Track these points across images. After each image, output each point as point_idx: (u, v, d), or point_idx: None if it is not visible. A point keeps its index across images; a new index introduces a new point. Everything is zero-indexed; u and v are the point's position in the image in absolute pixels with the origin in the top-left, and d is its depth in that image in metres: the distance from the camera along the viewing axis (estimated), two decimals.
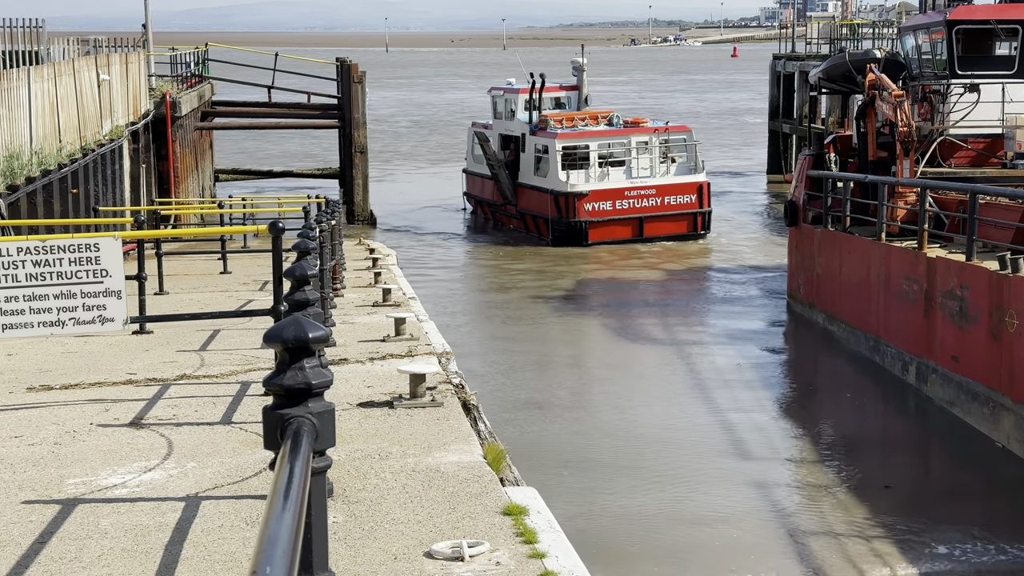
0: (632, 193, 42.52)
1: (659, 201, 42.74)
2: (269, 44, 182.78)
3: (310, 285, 10.48)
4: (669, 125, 45.81)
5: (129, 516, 8.77)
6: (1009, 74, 27.67)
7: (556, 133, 43.55)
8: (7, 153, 22.62)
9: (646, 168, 43.18)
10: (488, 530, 8.37)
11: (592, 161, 42.90)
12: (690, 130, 45.43)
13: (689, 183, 43.21)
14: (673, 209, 42.88)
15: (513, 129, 47.34)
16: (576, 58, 48.96)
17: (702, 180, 43.42)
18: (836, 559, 15.72)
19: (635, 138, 43.66)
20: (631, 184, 42.66)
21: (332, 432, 5.43)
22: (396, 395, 12.19)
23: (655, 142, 43.59)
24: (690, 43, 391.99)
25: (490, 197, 48.29)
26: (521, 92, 47.15)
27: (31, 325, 11.75)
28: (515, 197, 45.72)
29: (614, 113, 46.09)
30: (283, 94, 48.36)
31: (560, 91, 48.81)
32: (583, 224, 42.01)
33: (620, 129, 44.34)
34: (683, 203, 42.99)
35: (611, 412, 22.70)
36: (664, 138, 43.98)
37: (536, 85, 45.53)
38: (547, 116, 45.05)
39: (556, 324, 31.23)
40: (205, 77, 50.85)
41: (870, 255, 25.84)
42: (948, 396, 22.07)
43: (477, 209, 50.89)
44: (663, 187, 42.80)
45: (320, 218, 19.30)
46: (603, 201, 42.33)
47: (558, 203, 42.48)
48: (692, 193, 43.13)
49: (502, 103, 49.21)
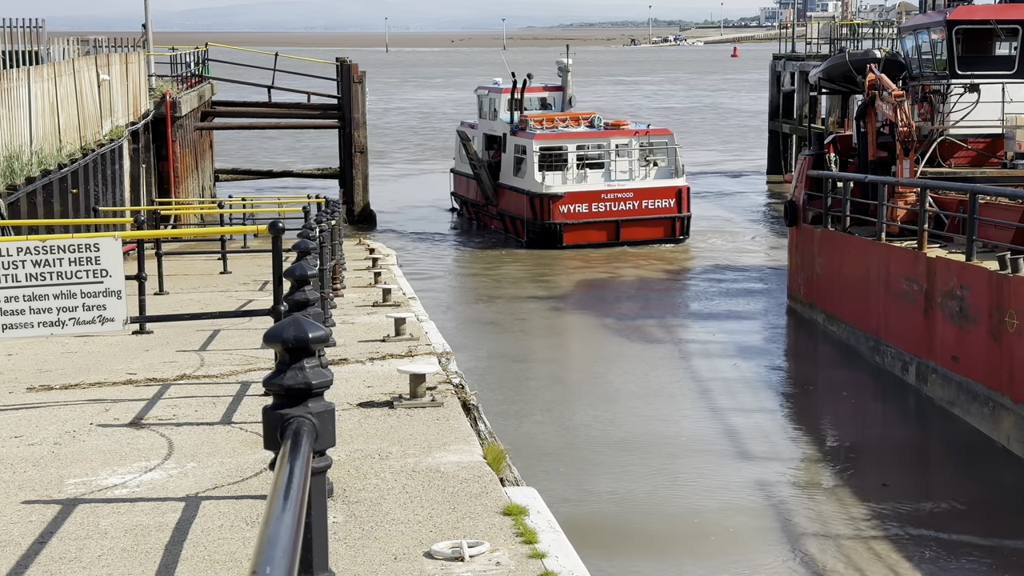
0: (609, 196, 41.73)
1: (637, 205, 41.89)
2: (269, 44, 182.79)
3: (310, 285, 10.48)
4: (650, 128, 44.95)
5: (129, 516, 8.77)
6: (1009, 74, 27.67)
7: (534, 134, 42.98)
8: (7, 153, 22.62)
9: (625, 171, 42.41)
10: (488, 530, 8.37)
11: (570, 163, 42.24)
12: (671, 133, 44.43)
13: (668, 187, 42.23)
14: (651, 213, 42.00)
15: (496, 129, 46.94)
16: (561, 58, 48.43)
17: (682, 184, 42.41)
18: (835, 558, 15.72)
19: (615, 140, 42.96)
20: (608, 187, 41.90)
21: (332, 432, 5.43)
22: (396, 395, 12.19)
23: (635, 145, 42.86)
24: (691, 43, 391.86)
25: (474, 197, 47.93)
26: (504, 92, 46.62)
27: (31, 325, 11.75)
28: (496, 198, 45.31)
29: (596, 115, 45.50)
30: (283, 94, 48.35)
31: (544, 91, 48.36)
32: (558, 226, 41.38)
33: (599, 131, 43.65)
34: (661, 207, 42.07)
35: (611, 411, 22.69)
36: (644, 141, 43.20)
37: (518, 85, 45.03)
38: (528, 117, 44.50)
39: (556, 324, 31.23)
40: (205, 77, 50.85)
41: (870, 255, 25.84)
42: (948, 396, 22.07)
43: (463, 209, 50.63)
44: (641, 190, 41.95)
45: (320, 218, 19.30)
46: (579, 203, 41.61)
47: (533, 205, 41.96)
48: (671, 197, 42.13)
49: (487, 103, 48.92)
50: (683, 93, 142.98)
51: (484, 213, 47.11)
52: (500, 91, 47.29)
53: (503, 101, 46.52)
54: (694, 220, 43.61)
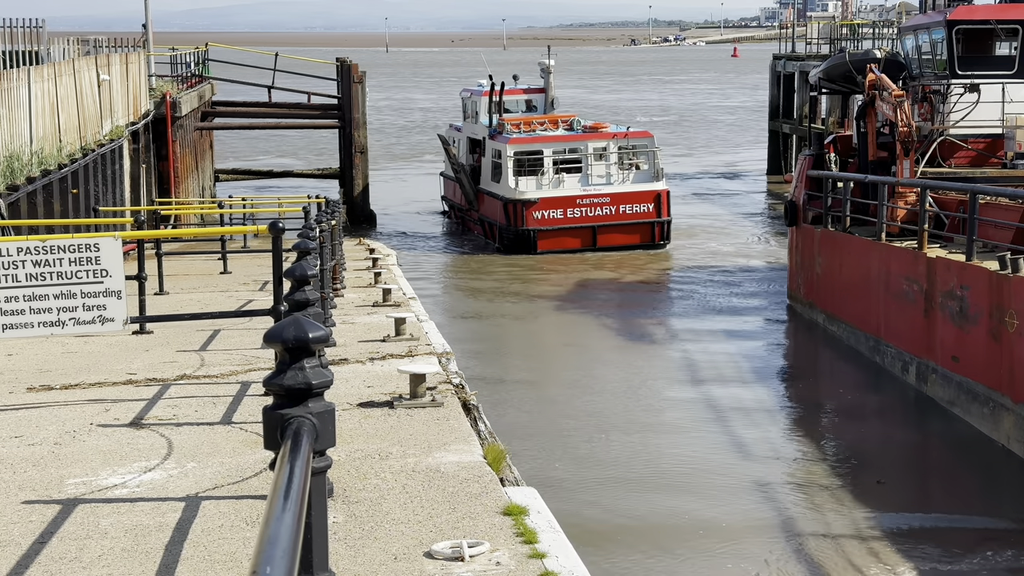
0: (584, 201, 40.34)
1: (613, 210, 40.43)
2: (269, 44, 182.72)
3: (310, 285, 10.49)
4: (630, 130, 43.37)
5: (129, 516, 8.77)
6: (1009, 74, 27.66)
7: (509, 138, 41.61)
8: (7, 153, 22.62)
9: (602, 176, 40.97)
10: (488, 530, 8.37)
11: (546, 167, 40.88)
12: (652, 136, 43.00)
13: (646, 191, 40.70)
14: (628, 218, 40.51)
15: (478, 133, 45.77)
16: (543, 59, 47.20)
17: (661, 188, 40.81)
18: (834, 558, 15.72)
19: (592, 143, 41.49)
20: (584, 192, 40.51)
21: (332, 432, 5.43)
22: (396, 395, 12.20)
23: (613, 148, 41.38)
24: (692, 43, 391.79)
25: (460, 201, 46.82)
26: (483, 95, 45.49)
27: (31, 325, 11.75)
28: (477, 202, 44.08)
29: (576, 117, 44.14)
30: (283, 94, 48.35)
31: (524, 94, 47.37)
32: (532, 233, 40.11)
33: (576, 134, 42.29)
34: (639, 212, 40.58)
35: (610, 410, 22.69)
36: (624, 144, 41.70)
37: (496, 88, 44.13)
38: (505, 120, 43.25)
39: (556, 324, 31.22)
40: (205, 77, 50.86)
41: (870, 255, 25.84)
42: (948, 396, 22.07)
43: (450, 213, 49.79)
44: (618, 195, 40.50)
45: (320, 218, 19.31)
46: (553, 209, 40.29)
47: (507, 210, 40.76)
48: (649, 202, 40.62)
49: (470, 106, 47.90)
50: (683, 93, 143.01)
51: (468, 218, 46.09)
52: (481, 94, 46.16)
53: (483, 104, 45.43)
54: (694, 219, 43.45)
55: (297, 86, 48.45)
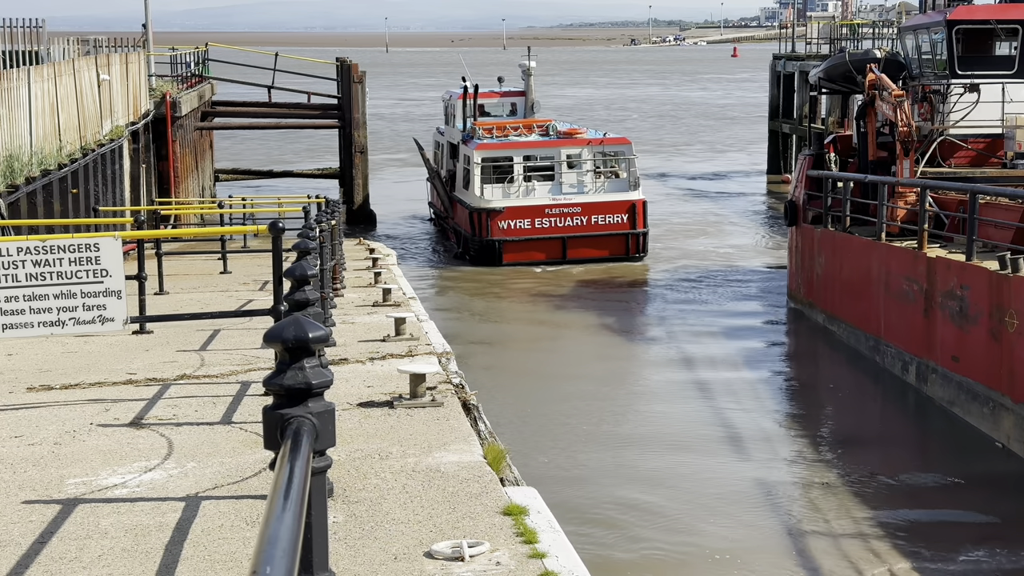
0: (553, 211, 38.00)
1: (585, 220, 38.03)
2: (269, 44, 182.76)
3: (310, 285, 10.49)
4: (606, 136, 40.97)
5: (129, 516, 8.77)
6: (1009, 74, 27.67)
7: (477, 143, 39.48)
8: (7, 153, 22.62)
9: (574, 184, 38.61)
10: (488, 530, 8.37)
11: (516, 174, 38.64)
12: (629, 142, 40.31)
13: (620, 201, 38.26)
14: (600, 229, 38.12)
15: (455, 137, 43.69)
16: (523, 61, 45.71)
17: (636, 198, 38.32)
18: (834, 557, 15.72)
19: (565, 150, 39.11)
20: (553, 201, 38.16)
21: (332, 432, 5.43)
22: (396, 395, 12.20)
23: (587, 155, 39.17)
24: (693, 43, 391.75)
25: (440, 207, 44.91)
26: (458, 98, 43.70)
27: (31, 325, 11.75)
28: (452, 209, 41.99)
29: (552, 121, 41.60)
30: (283, 94, 48.35)
31: (497, 96, 45.97)
32: (496, 243, 37.92)
33: (549, 140, 39.88)
34: (612, 223, 38.18)
35: (610, 410, 22.70)
36: (599, 151, 39.53)
37: (469, 91, 42.67)
38: (478, 124, 41.21)
39: (556, 325, 31.22)
40: (205, 77, 50.87)
41: (870, 255, 25.84)
42: (948, 396, 22.08)
43: (435, 220, 48.08)
44: (589, 205, 38.09)
45: (320, 218, 19.31)
46: (520, 219, 37.93)
47: (472, 219, 38.54)
48: (623, 212, 38.20)
49: (450, 109, 46.57)
50: (683, 92, 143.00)
51: (446, 225, 43.77)
52: (458, 97, 44.09)
53: (459, 107, 43.49)
54: (695, 220, 43.24)
55: (297, 86, 48.45)
